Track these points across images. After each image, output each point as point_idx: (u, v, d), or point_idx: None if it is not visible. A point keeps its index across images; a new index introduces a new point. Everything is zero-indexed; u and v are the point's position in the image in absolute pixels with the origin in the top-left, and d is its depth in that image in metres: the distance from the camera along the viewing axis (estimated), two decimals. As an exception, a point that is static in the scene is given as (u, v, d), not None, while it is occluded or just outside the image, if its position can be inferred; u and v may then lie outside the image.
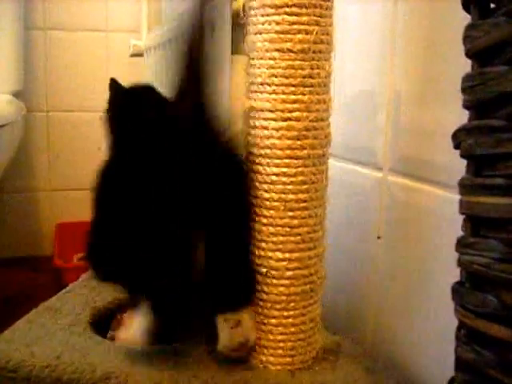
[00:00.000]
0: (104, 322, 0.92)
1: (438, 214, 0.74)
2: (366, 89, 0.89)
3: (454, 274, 0.55)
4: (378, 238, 0.85)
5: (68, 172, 2.13)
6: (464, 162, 0.54)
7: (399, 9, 0.81)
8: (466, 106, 0.52)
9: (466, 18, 0.51)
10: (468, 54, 0.51)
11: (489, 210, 0.48)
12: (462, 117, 0.53)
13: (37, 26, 2.06)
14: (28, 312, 0.90)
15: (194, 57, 0.77)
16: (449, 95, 0.71)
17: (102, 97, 0.89)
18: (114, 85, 0.89)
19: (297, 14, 0.68)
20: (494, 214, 0.48)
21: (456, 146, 0.54)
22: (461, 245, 0.53)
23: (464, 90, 0.51)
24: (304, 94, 0.69)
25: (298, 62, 0.68)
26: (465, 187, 0.52)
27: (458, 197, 0.55)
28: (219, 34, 1.11)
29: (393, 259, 0.83)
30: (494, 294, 0.49)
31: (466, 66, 0.51)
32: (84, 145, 2.13)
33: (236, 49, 1.11)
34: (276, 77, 0.69)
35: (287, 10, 0.68)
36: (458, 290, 0.54)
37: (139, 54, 1.91)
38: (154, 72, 1.76)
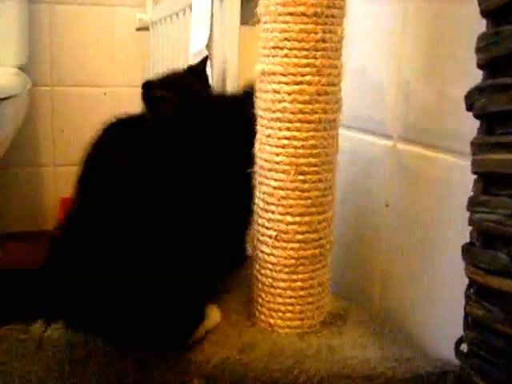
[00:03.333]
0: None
1: (446, 181, 0.74)
2: (375, 58, 0.89)
3: (462, 240, 0.56)
4: (387, 205, 0.85)
5: (72, 147, 2.13)
6: (473, 128, 0.55)
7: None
8: (480, 66, 0.52)
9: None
10: (483, 14, 0.52)
11: (501, 166, 0.49)
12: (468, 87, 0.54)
13: (41, 0, 2.06)
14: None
15: None
16: (458, 64, 0.72)
17: (107, 71, 0.90)
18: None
19: (310, -22, 0.68)
20: (506, 169, 0.48)
21: (469, 108, 0.55)
22: (472, 203, 0.53)
23: (479, 50, 0.52)
24: (316, 58, 0.69)
25: (310, 26, 0.68)
26: (477, 146, 0.53)
27: (466, 163, 0.56)
28: (228, 5, 1.11)
29: (401, 226, 0.84)
30: (505, 251, 0.50)
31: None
32: (88, 119, 2.13)
33: (245, 20, 1.12)
34: (288, 40, 0.69)
35: (300, -27, 0.68)
36: (468, 250, 0.54)
37: (145, 28, 1.91)
38: (160, 45, 1.76)
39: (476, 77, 0.53)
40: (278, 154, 0.72)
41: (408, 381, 0.69)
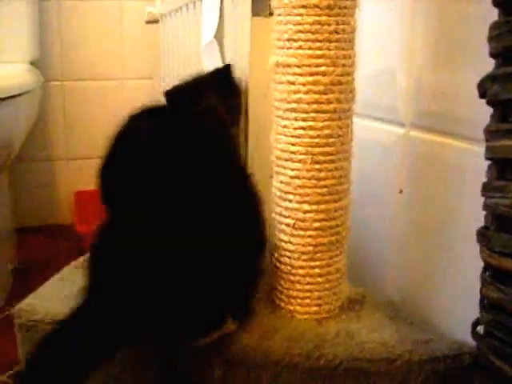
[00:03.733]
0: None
1: (459, 167, 0.75)
2: (387, 47, 0.90)
3: (476, 224, 0.57)
4: (400, 192, 0.87)
5: (84, 140, 2.15)
6: (485, 115, 0.56)
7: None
8: (492, 55, 0.54)
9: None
10: (494, 3, 0.53)
11: (515, 151, 0.50)
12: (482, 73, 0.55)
13: (50, -5, 2.07)
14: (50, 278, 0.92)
15: None
16: (470, 50, 0.73)
17: (117, 65, 0.91)
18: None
19: (322, -29, 0.69)
20: (520, 155, 0.50)
21: (482, 95, 0.56)
22: (487, 189, 0.55)
23: (491, 39, 0.53)
24: (330, 49, 0.71)
25: (324, 18, 0.70)
26: (490, 133, 0.54)
27: (479, 149, 0.57)
28: (239, -3, 1.11)
29: (414, 212, 0.85)
30: (519, 234, 0.51)
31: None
32: (100, 113, 2.15)
33: (256, 11, 1.12)
34: (302, 32, 0.70)
35: (313, -34, 0.69)
36: (483, 234, 0.56)
37: (154, 21, 1.92)
38: (170, 38, 1.76)
39: (488, 63, 0.54)
40: (293, 144, 0.74)
41: (425, 363, 0.71)
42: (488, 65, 0.54)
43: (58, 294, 0.85)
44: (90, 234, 1.85)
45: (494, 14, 0.53)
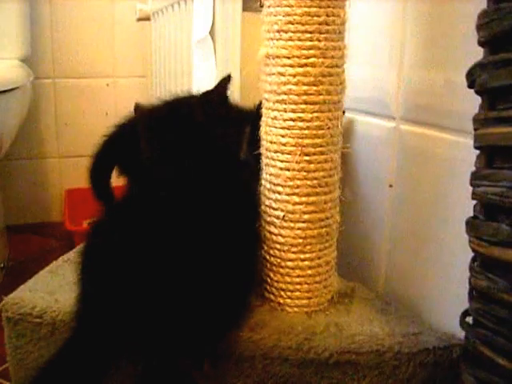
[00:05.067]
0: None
1: (449, 159, 0.76)
2: (378, 42, 0.90)
3: (466, 216, 0.57)
4: (390, 186, 0.87)
5: (76, 138, 2.15)
6: (473, 107, 0.56)
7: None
8: (480, 43, 0.54)
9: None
10: (483, -8, 0.53)
11: (503, 139, 0.50)
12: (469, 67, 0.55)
13: (41, -8, 2.06)
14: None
15: None
16: (458, 43, 0.73)
17: (109, 62, 0.91)
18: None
19: (312, -38, 0.69)
20: (507, 142, 0.50)
21: (470, 84, 0.56)
22: (475, 177, 0.55)
23: (479, 27, 0.53)
24: (320, 41, 0.71)
25: (313, 9, 0.70)
26: (479, 121, 0.54)
27: (468, 141, 0.57)
28: (230, -9, 1.11)
29: (405, 206, 0.85)
30: (507, 222, 0.51)
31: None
32: (91, 111, 2.15)
33: (247, 6, 1.12)
34: (292, 24, 0.70)
35: (303, -43, 0.69)
36: (472, 223, 0.56)
37: (146, 18, 1.91)
38: (162, 35, 1.76)
39: (476, 56, 0.55)
40: (283, 136, 0.74)
41: (415, 355, 0.71)
42: (475, 58, 0.55)
43: (47, 288, 0.85)
44: (81, 231, 1.86)
45: (482, 6, 0.53)
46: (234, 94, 1.04)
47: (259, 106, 0.80)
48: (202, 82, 1.18)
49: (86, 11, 2.12)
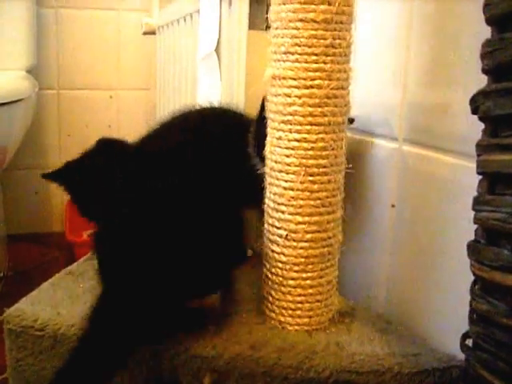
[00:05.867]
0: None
1: (451, 182, 0.76)
2: (381, 64, 0.91)
3: (467, 239, 0.58)
4: (393, 206, 0.87)
5: (78, 149, 2.13)
6: (476, 131, 0.57)
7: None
8: (485, 71, 0.54)
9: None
10: (488, 21, 0.54)
11: (505, 166, 0.51)
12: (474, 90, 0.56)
13: (48, 5, 2.08)
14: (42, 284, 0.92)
15: None
16: (463, 66, 0.74)
17: (113, 75, 0.93)
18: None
19: (320, -14, 0.70)
20: (510, 170, 0.51)
21: (474, 111, 0.57)
22: (477, 202, 0.56)
23: (484, 56, 0.54)
24: (326, 63, 0.72)
25: (320, 32, 0.71)
26: (482, 148, 0.55)
27: (470, 164, 0.58)
28: (236, 9, 1.13)
29: (406, 226, 0.86)
30: (508, 248, 0.52)
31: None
32: (94, 122, 2.16)
33: (253, 24, 1.14)
34: (299, 46, 0.71)
35: (310, -19, 0.70)
36: (474, 247, 0.57)
37: (151, 32, 1.93)
38: (167, 49, 1.78)
39: (480, 80, 0.55)
40: (288, 156, 0.74)
41: (414, 375, 0.71)
42: (479, 82, 0.55)
43: (49, 300, 0.85)
44: (81, 242, 1.86)
45: (486, 32, 0.54)
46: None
47: (263, 103, 0.83)
48: (206, 98, 1.19)
49: (92, 23, 2.14)
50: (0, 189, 1.82)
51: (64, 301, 0.85)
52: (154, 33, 1.94)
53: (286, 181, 0.75)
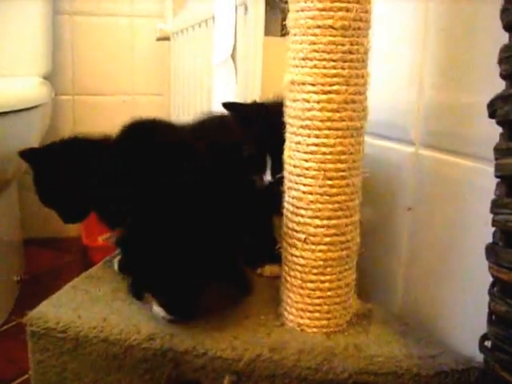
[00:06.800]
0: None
1: (468, 185, 0.77)
2: (399, 67, 0.91)
3: (484, 242, 0.58)
4: (409, 209, 0.88)
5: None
6: (493, 134, 0.58)
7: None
8: (503, 76, 0.55)
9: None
10: (505, 28, 0.55)
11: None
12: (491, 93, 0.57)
13: (63, 11, 2.10)
14: (58, 288, 0.93)
15: None
16: (479, 70, 0.75)
17: (128, 81, 0.94)
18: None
19: (338, -7, 0.71)
20: (529, 173, 0.51)
21: (491, 115, 0.58)
22: (496, 205, 0.56)
23: (501, 61, 0.55)
24: (344, 69, 0.73)
25: (338, 38, 0.72)
26: (500, 151, 0.56)
27: (487, 168, 0.59)
28: (252, 16, 1.14)
29: (423, 229, 0.86)
30: (527, 250, 0.52)
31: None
32: (109, 128, 2.16)
33: (268, 31, 1.15)
34: (317, 52, 0.72)
35: (329, -12, 0.71)
36: (492, 249, 0.57)
37: (166, 38, 1.95)
38: (181, 55, 1.79)
39: (497, 83, 0.56)
40: (307, 160, 0.75)
41: (433, 377, 0.72)
42: (496, 85, 0.56)
43: (70, 303, 0.86)
44: (96, 247, 1.88)
45: (504, 37, 0.55)
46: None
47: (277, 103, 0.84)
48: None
49: (106, 29, 2.16)
50: (17, 193, 1.83)
51: (84, 304, 0.87)
52: (168, 39, 1.96)
53: (304, 185, 0.76)
